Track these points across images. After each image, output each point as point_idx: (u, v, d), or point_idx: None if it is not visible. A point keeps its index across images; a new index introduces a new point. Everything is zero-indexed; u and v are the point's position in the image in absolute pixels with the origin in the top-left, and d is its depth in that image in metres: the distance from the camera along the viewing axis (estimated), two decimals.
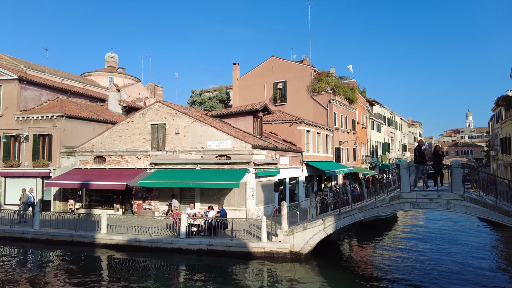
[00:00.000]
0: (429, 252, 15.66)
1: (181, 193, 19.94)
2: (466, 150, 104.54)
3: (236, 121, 22.42)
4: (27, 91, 23.59)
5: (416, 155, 12.91)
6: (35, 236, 16.82)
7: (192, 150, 19.58)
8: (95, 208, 21.42)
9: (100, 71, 43.98)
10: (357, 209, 13.16)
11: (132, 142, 20.94)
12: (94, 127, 24.41)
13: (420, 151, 12.89)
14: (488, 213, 11.32)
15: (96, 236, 16.02)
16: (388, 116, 59.69)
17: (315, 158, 26.22)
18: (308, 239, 13.86)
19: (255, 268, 13.12)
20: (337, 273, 13.00)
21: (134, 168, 20.49)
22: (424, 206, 12.27)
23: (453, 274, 12.46)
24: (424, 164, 12.89)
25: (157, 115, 20.50)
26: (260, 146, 19.58)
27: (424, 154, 12.98)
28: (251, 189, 18.66)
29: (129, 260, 14.26)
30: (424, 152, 13.08)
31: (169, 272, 13.21)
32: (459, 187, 11.78)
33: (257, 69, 34.53)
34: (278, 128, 25.73)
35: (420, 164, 12.76)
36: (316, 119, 30.09)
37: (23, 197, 19.41)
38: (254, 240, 14.52)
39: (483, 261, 14.27)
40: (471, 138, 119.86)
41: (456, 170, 11.81)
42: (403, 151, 69.61)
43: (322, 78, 30.58)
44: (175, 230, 15.58)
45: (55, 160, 22.10)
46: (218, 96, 37.62)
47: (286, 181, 22.78)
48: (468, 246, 16.73)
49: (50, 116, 22.09)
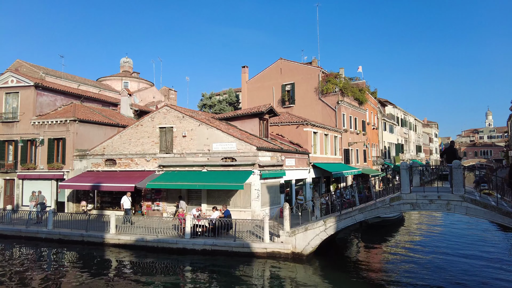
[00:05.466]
0: (433, 255, 15.49)
1: (188, 195, 20.37)
2: (485, 150, 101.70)
3: (242, 123, 22.72)
4: (43, 97, 24.59)
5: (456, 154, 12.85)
6: (49, 236, 17.54)
7: (199, 153, 19.98)
8: (106, 209, 22.08)
9: (115, 76, 45.21)
10: (358, 210, 13.21)
11: (141, 145, 21.52)
12: (106, 130, 25.17)
13: (455, 150, 12.91)
14: (489, 214, 11.18)
15: (105, 236, 16.58)
16: (402, 116, 58.80)
17: (323, 160, 26.22)
18: (309, 240, 13.97)
19: (257, 268, 13.33)
20: (338, 273, 13.05)
21: (143, 171, 21.06)
22: (424, 207, 12.21)
23: (456, 277, 12.33)
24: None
25: (165, 118, 21.02)
26: (265, 148, 19.79)
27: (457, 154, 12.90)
28: (256, 191, 18.87)
29: (136, 259, 14.72)
30: (457, 152, 13.00)
31: (174, 271, 13.56)
32: (460, 187, 11.68)
33: (265, 72, 34.79)
34: (285, 130, 25.88)
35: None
36: (324, 120, 30.08)
37: (38, 198, 20.28)
38: (256, 241, 14.74)
39: (488, 264, 14.03)
40: (490, 138, 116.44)
41: (457, 170, 11.72)
42: (417, 152, 68.29)
43: (330, 80, 30.56)
44: (181, 230, 15.96)
45: (69, 163, 22.93)
46: (228, 99, 38.07)
47: (292, 183, 22.89)
48: (475, 249, 16.45)
49: (63, 120, 22.96)
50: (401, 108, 58.80)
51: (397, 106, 56.04)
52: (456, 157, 12.52)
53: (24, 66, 33.19)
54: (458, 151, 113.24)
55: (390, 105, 53.63)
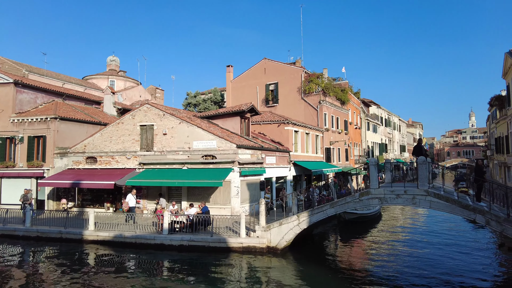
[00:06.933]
0: (407, 248, 16.07)
1: (168, 192, 20.55)
2: (467, 150, 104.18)
3: (224, 122, 23.00)
4: (23, 94, 24.39)
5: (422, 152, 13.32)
6: (26, 234, 17.50)
7: (179, 150, 20.18)
8: (87, 207, 22.05)
9: (101, 74, 44.90)
10: (329, 205, 13.66)
11: (122, 142, 21.60)
12: (88, 129, 25.11)
13: (422, 148, 13.39)
14: (450, 207, 11.76)
15: (84, 233, 16.66)
16: (386, 116, 59.91)
17: (304, 158, 26.69)
18: (284, 234, 14.37)
19: (232, 262, 13.63)
20: (311, 266, 13.47)
21: (123, 168, 21.14)
22: (391, 202, 12.73)
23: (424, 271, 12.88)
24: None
25: (145, 116, 21.15)
26: (245, 146, 20.11)
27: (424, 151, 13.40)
28: (236, 188, 19.18)
29: (114, 255, 14.86)
30: (424, 149, 13.50)
31: (151, 266, 13.75)
32: (425, 183, 12.23)
33: (250, 71, 35.14)
34: (267, 128, 26.27)
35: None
36: (306, 120, 30.59)
37: (30, 197, 20.03)
38: (233, 236, 15.07)
39: (458, 257, 14.66)
40: (472, 138, 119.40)
41: (421, 166, 12.27)
42: (401, 151, 69.67)
43: (312, 80, 31.09)
44: (159, 227, 16.16)
45: (49, 161, 22.83)
46: (213, 98, 38.29)
47: (273, 180, 23.28)
48: (447, 243, 17.11)
49: (44, 118, 22.84)
50: (385, 109, 59.91)
51: (381, 107, 57.08)
52: (423, 154, 13.06)
53: (6, 63, 32.71)
54: (442, 151, 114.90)
55: (374, 105, 54.62)
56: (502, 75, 31.67)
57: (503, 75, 31.41)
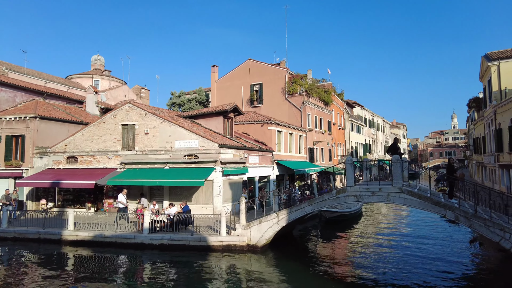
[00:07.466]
0: (386, 245, 16.48)
1: (150, 192, 20.47)
2: (449, 151, 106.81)
3: (207, 121, 23.07)
4: (1, 93, 23.90)
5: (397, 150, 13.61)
6: (2, 235, 17.13)
7: (161, 150, 20.15)
8: (68, 207, 21.63)
9: (85, 73, 44.24)
10: (307, 202, 13.92)
11: (103, 142, 21.42)
12: (70, 128, 24.77)
13: (397, 147, 13.69)
14: (422, 204, 12.16)
15: (63, 233, 16.45)
16: (370, 117, 60.93)
17: (287, 158, 26.98)
18: (263, 232, 14.56)
19: (212, 261, 13.73)
20: (289, 263, 13.69)
21: (105, 168, 20.96)
22: (367, 199, 13.08)
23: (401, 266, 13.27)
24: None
25: (127, 115, 21.04)
26: (228, 146, 20.24)
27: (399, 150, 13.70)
28: (218, 187, 19.27)
29: (94, 255, 14.74)
30: (399, 148, 13.78)
31: (131, 265, 13.73)
32: (399, 180, 12.61)
33: (234, 72, 35.27)
34: (250, 128, 26.45)
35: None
36: (290, 120, 30.91)
37: (12, 197, 19.52)
38: (213, 235, 15.17)
39: (432, 253, 15.14)
40: (454, 139, 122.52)
41: (395, 164, 12.65)
42: (385, 152, 70.95)
43: (296, 81, 31.45)
44: (139, 226, 16.12)
45: (28, 160, 22.43)
46: (198, 98, 38.26)
47: (256, 180, 23.46)
48: (426, 240, 17.61)
49: (23, 117, 22.43)
50: (369, 110, 60.94)
51: (365, 108, 58.05)
52: (397, 153, 13.45)
53: None
54: (425, 151, 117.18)
55: (358, 106, 55.52)
56: (479, 77, 32.72)
57: (480, 77, 32.45)
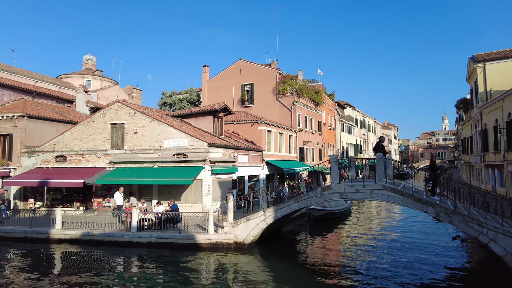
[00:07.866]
0: (374, 242, 16.76)
1: (139, 191, 20.50)
2: (440, 152, 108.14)
3: (196, 121, 23.17)
4: None
5: (380, 149, 13.81)
6: None
7: (150, 149, 20.21)
8: (56, 206, 21.52)
9: (77, 73, 44.01)
10: (293, 200, 14.12)
11: (92, 141, 21.39)
12: (59, 127, 24.65)
13: (381, 145, 13.91)
14: (405, 201, 12.45)
15: (50, 232, 16.42)
16: (361, 118, 61.51)
17: (277, 157, 27.20)
18: (250, 229, 14.72)
19: (199, 258, 13.84)
20: (276, 260, 13.84)
21: (94, 167, 20.93)
22: (351, 196, 13.33)
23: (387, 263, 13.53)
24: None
25: (116, 114, 21.05)
26: (217, 145, 20.37)
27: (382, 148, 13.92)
28: (207, 186, 19.39)
29: (81, 253, 14.73)
30: (383, 147, 13.99)
31: (118, 263, 13.75)
32: (382, 178, 12.88)
33: (226, 72, 35.42)
34: (240, 128, 26.62)
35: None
36: (281, 120, 31.15)
37: (5, 196, 19.41)
38: (201, 233, 15.28)
39: (416, 249, 15.45)
40: (445, 140, 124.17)
41: (379, 162, 12.92)
42: None
43: (287, 81, 31.72)
44: (127, 224, 16.16)
45: (16, 159, 22.28)
46: (189, 98, 38.31)
47: (245, 179, 23.62)
48: (413, 235, 17.94)
49: (10, 116, 22.28)
50: (360, 111, 61.51)
51: (356, 108, 58.60)
52: (381, 151, 13.73)
53: None
54: (416, 152, 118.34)
55: (349, 107, 56.05)
56: (466, 79, 33.35)
57: (467, 79, 33.07)
